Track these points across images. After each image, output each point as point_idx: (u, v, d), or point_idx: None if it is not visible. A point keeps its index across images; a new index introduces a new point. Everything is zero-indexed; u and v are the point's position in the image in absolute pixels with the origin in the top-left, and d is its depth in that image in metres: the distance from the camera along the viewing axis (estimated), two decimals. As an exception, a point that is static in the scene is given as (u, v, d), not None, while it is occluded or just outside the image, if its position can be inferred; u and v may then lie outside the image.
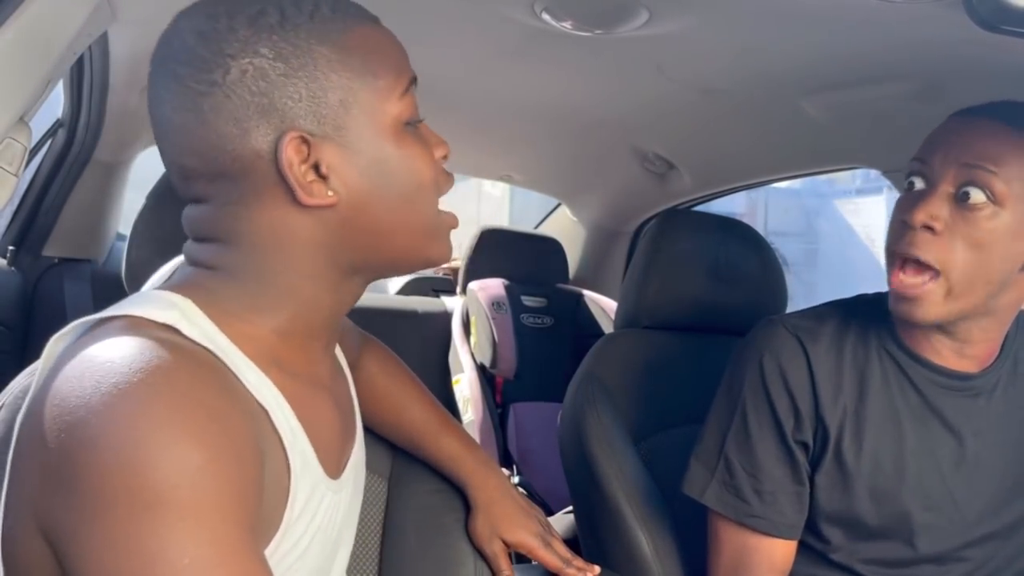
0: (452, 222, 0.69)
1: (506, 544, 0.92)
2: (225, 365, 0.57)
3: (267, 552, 0.60)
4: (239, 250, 0.61)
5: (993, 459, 0.93)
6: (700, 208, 2.07)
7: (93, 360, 0.52)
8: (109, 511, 0.47)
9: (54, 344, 0.59)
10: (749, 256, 1.34)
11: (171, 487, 0.48)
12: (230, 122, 0.58)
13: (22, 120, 0.81)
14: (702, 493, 0.97)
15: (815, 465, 0.94)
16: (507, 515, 0.93)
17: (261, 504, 0.55)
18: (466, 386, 2.14)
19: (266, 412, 0.60)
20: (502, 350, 2.18)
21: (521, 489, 1.51)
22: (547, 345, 2.25)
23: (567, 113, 1.64)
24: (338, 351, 0.80)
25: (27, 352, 1.80)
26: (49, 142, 1.85)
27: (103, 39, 1.21)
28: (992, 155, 0.83)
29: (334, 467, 0.69)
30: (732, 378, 0.99)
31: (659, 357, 1.31)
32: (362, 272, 0.66)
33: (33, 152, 1.58)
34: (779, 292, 1.36)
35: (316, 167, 0.59)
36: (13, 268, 1.96)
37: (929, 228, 0.84)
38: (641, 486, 1.15)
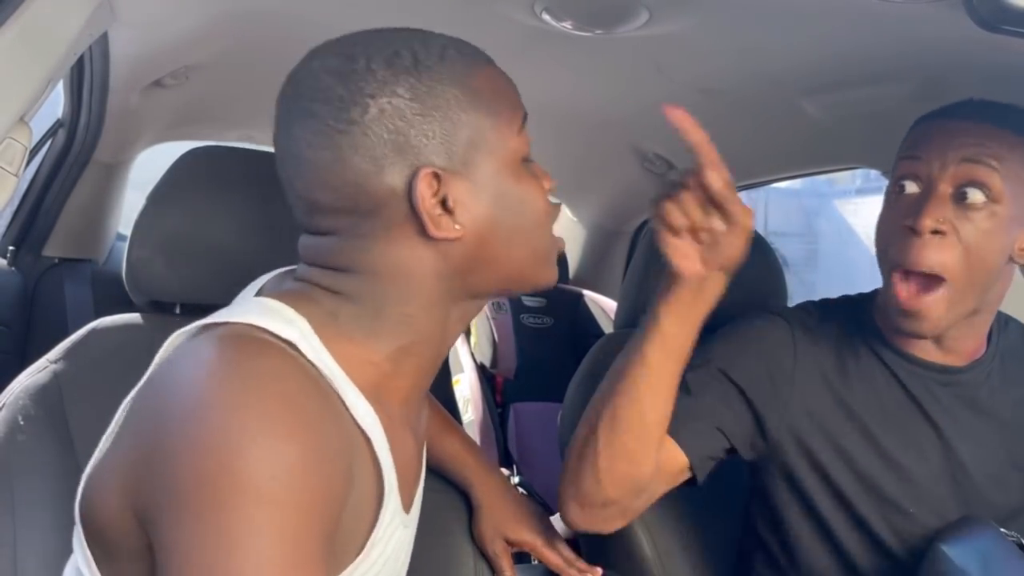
0: (561, 246, 0.72)
1: (509, 543, 0.93)
2: (331, 385, 0.60)
3: (345, 574, 0.62)
4: (362, 279, 0.63)
5: (979, 454, 0.93)
6: (700, 208, 2.07)
7: (210, 355, 0.56)
8: (204, 494, 0.50)
9: (175, 338, 0.64)
10: (749, 256, 1.34)
11: (264, 477, 0.50)
12: (367, 159, 0.60)
13: (22, 120, 0.81)
14: None
15: (784, 448, 0.93)
16: (510, 514, 0.93)
17: (340, 522, 0.57)
18: (466, 386, 2.14)
19: (367, 439, 0.62)
20: (502, 350, 2.18)
21: (521, 489, 1.51)
22: (547, 345, 2.25)
23: (567, 113, 1.63)
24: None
25: (27, 352, 1.79)
26: (49, 142, 1.85)
27: (103, 39, 1.21)
28: (992, 152, 0.83)
29: (408, 501, 0.71)
30: (699, 346, 0.96)
31: (659, 357, 1.31)
32: (474, 298, 0.69)
33: (33, 152, 1.58)
34: (779, 292, 1.36)
35: (443, 201, 0.62)
36: (13, 268, 1.96)
37: (938, 232, 0.83)
38: (641, 486, 1.15)
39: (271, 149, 0.70)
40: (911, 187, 0.87)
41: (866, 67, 1.09)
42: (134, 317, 1.01)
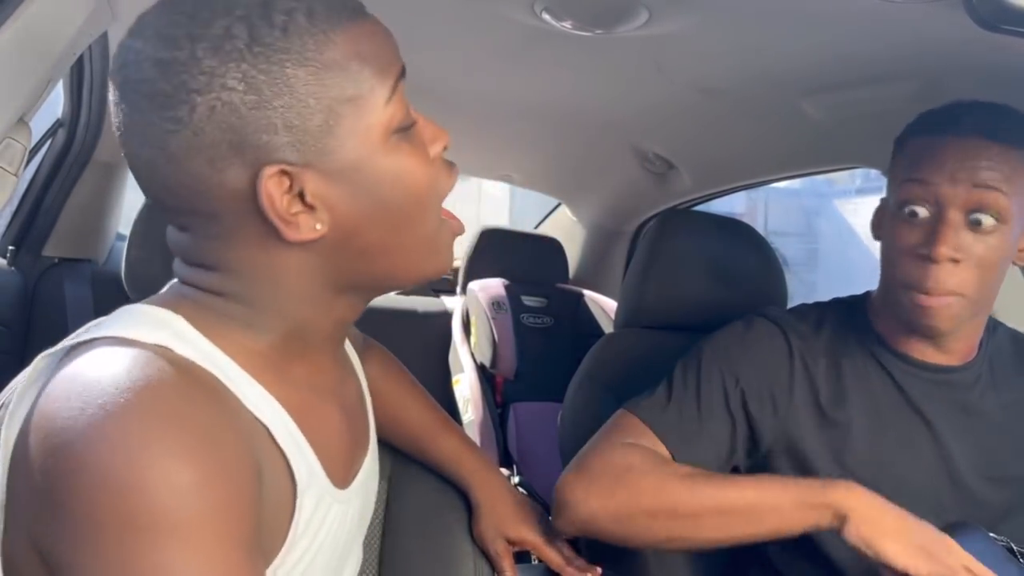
0: (456, 229, 0.65)
1: (510, 542, 0.93)
2: (220, 382, 0.55)
3: (273, 566, 0.59)
4: (225, 276, 0.58)
5: (972, 455, 0.94)
6: (700, 208, 2.07)
7: (79, 380, 0.50)
8: (100, 535, 0.46)
9: (40, 361, 0.57)
10: (749, 256, 1.34)
11: (162, 509, 0.46)
12: (201, 161, 0.53)
13: (22, 120, 0.81)
14: (629, 404, 0.96)
15: (777, 455, 0.95)
16: (510, 513, 0.93)
17: (259, 521, 0.53)
18: (466, 386, 2.14)
19: (266, 427, 0.58)
20: (502, 350, 2.18)
21: (521, 489, 1.51)
22: (547, 345, 2.25)
23: (567, 113, 1.63)
24: (353, 356, 0.78)
25: (27, 352, 1.79)
26: (49, 142, 1.85)
27: (103, 39, 1.21)
28: (1003, 175, 0.84)
29: (342, 477, 0.67)
30: (696, 350, 0.99)
31: (659, 357, 1.31)
32: (358, 292, 0.63)
33: (33, 152, 1.58)
34: (779, 292, 1.36)
35: (301, 196, 0.55)
36: (13, 268, 1.96)
37: (954, 261, 0.85)
38: (641, 486, 1.15)
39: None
40: (922, 212, 0.87)
41: (866, 67, 1.09)
42: (134, 317, 1.01)
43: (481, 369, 2.18)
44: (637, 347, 1.33)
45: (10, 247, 1.97)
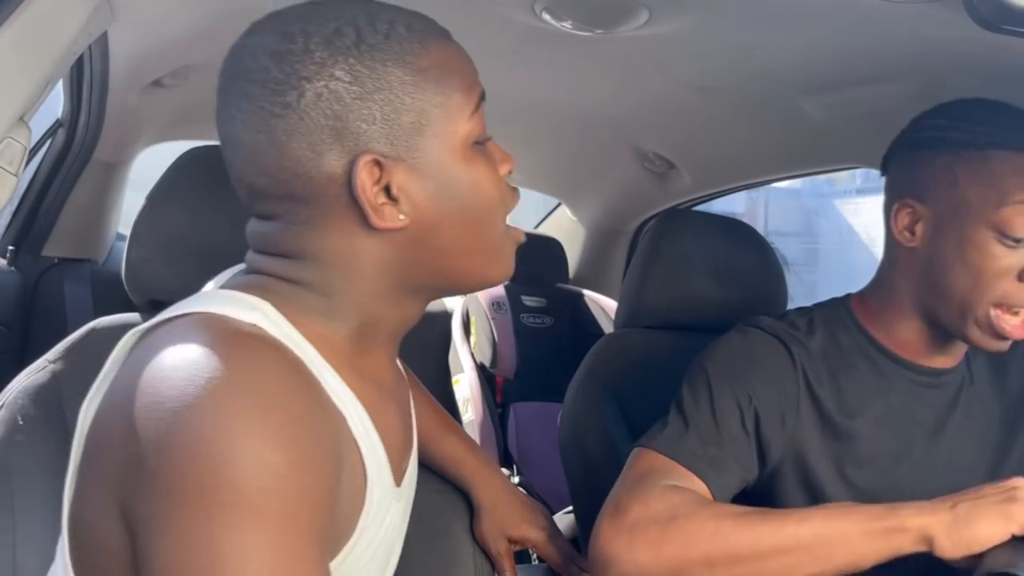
0: (518, 237, 0.68)
1: (512, 541, 0.93)
2: (308, 368, 0.57)
3: (339, 558, 0.60)
4: (306, 265, 0.61)
5: (968, 456, 0.94)
6: (700, 208, 2.07)
7: (185, 355, 0.52)
8: (184, 502, 0.48)
9: (130, 338, 0.60)
10: (749, 256, 1.34)
11: (247, 488, 0.48)
12: (304, 145, 0.57)
13: (22, 120, 0.81)
14: (645, 440, 0.90)
15: (785, 471, 0.93)
16: (512, 512, 0.93)
17: (333, 515, 0.55)
18: (466, 386, 2.14)
19: (345, 418, 0.60)
20: (502, 350, 2.18)
21: (521, 489, 1.51)
22: (547, 345, 2.25)
23: (567, 113, 1.63)
24: (397, 359, 0.79)
25: (27, 352, 1.79)
26: (49, 142, 1.85)
27: (103, 39, 1.21)
28: None
29: (398, 475, 0.69)
30: (700, 370, 0.95)
31: (659, 357, 1.31)
32: (425, 291, 0.66)
33: (33, 152, 1.58)
34: (779, 292, 1.36)
35: (387, 189, 0.59)
36: (13, 268, 1.95)
37: None
38: (641, 486, 1.15)
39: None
40: None
41: (866, 67, 1.09)
42: (133, 317, 1.01)
43: (481, 369, 2.18)
44: (637, 347, 1.33)
45: (10, 247, 1.97)
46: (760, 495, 0.94)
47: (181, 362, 0.52)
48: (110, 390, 0.57)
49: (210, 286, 0.68)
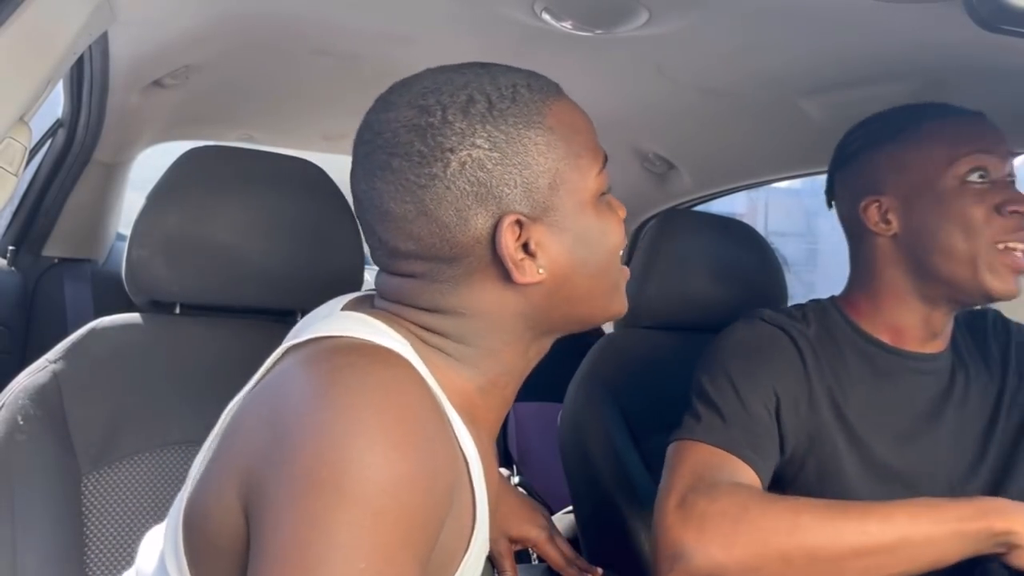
0: (627, 275, 0.72)
1: (513, 540, 0.93)
2: (442, 405, 0.61)
3: None
4: (446, 317, 0.64)
5: (967, 436, 0.97)
6: (700, 208, 2.07)
7: (334, 362, 0.56)
8: (314, 491, 0.50)
9: (281, 351, 0.63)
10: (749, 256, 1.34)
11: (376, 489, 0.50)
12: (450, 211, 0.60)
13: (22, 120, 0.81)
14: (686, 433, 0.90)
15: (800, 461, 0.94)
16: (512, 512, 0.94)
17: (436, 544, 0.56)
18: (466, 386, 2.13)
19: (467, 463, 0.62)
20: (502, 350, 2.17)
21: (521, 489, 1.51)
22: (547, 345, 2.24)
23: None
24: None
25: (27, 352, 1.79)
26: (49, 142, 1.85)
27: (103, 39, 1.21)
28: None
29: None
30: (716, 363, 0.96)
31: (659, 357, 1.31)
32: (552, 334, 0.69)
33: (33, 152, 1.58)
34: (779, 292, 1.36)
35: (525, 246, 0.62)
36: (13, 268, 1.95)
37: None
38: (641, 486, 1.15)
39: (271, 149, 0.71)
40: (993, 175, 0.92)
41: (866, 67, 1.09)
42: (134, 317, 1.01)
43: (481, 369, 2.18)
44: (637, 347, 1.33)
45: (10, 247, 1.96)
46: (779, 484, 0.94)
47: (330, 368, 0.56)
48: (255, 390, 0.61)
49: (339, 305, 0.70)
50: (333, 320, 0.64)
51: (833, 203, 1.07)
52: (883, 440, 0.94)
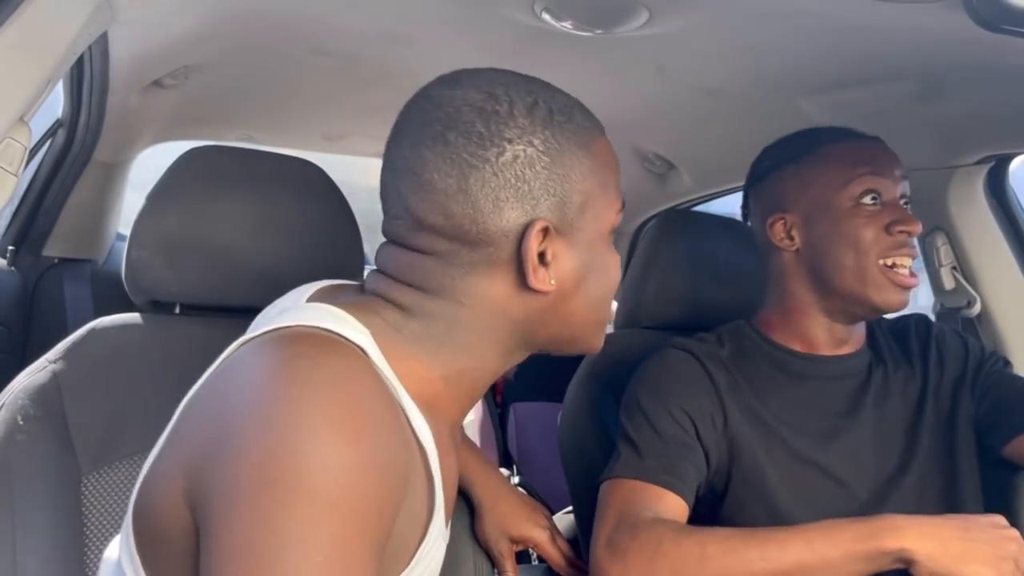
0: (609, 317, 0.74)
1: (514, 540, 0.93)
2: (395, 397, 0.61)
3: None
4: (443, 302, 0.65)
5: (889, 432, 1.01)
6: (700, 208, 2.07)
7: (284, 354, 0.56)
8: (265, 488, 0.50)
9: (237, 345, 0.62)
10: (749, 256, 1.34)
11: (328, 480, 0.50)
12: (489, 198, 0.62)
13: (22, 120, 0.81)
14: (608, 473, 0.95)
15: (726, 472, 0.98)
16: (513, 512, 0.94)
17: (391, 532, 0.57)
18: (466, 386, 2.13)
19: (423, 453, 0.63)
20: (502, 350, 2.17)
21: (521, 489, 1.51)
22: (547, 345, 2.24)
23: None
24: None
25: (27, 352, 1.79)
26: (49, 142, 1.85)
27: (103, 39, 1.21)
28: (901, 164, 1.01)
29: (448, 516, 0.71)
30: (631, 400, 1.01)
31: (659, 357, 1.31)
32: (533, 348, 0.71)
33: (33, 152, 1.58)
34: (779, 292, 1.35)
35: (542, 254, 0.64)
36: (13, 268, 1.95)
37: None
38: (641, 486, 1.15)
39: (271, 149, 0.71)
40: (887, 196, 0.99)
41: (866, 67, 1.09)
42: (133, 317, 1.01)
43: (481, 369, 2.18)
44: (637, 347, 1.32)
45: (10, 247, 1.97)
46: (713, 502, 0.99)
47: (278, 360, 0.56)
48: (206, 382, 0.61)
49: (302, 295, 0.70)
50: (294, 312, 0.64)
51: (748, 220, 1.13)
52: (805, 439, 0.98)
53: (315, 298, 0.69)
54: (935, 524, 0.79)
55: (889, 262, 0.97)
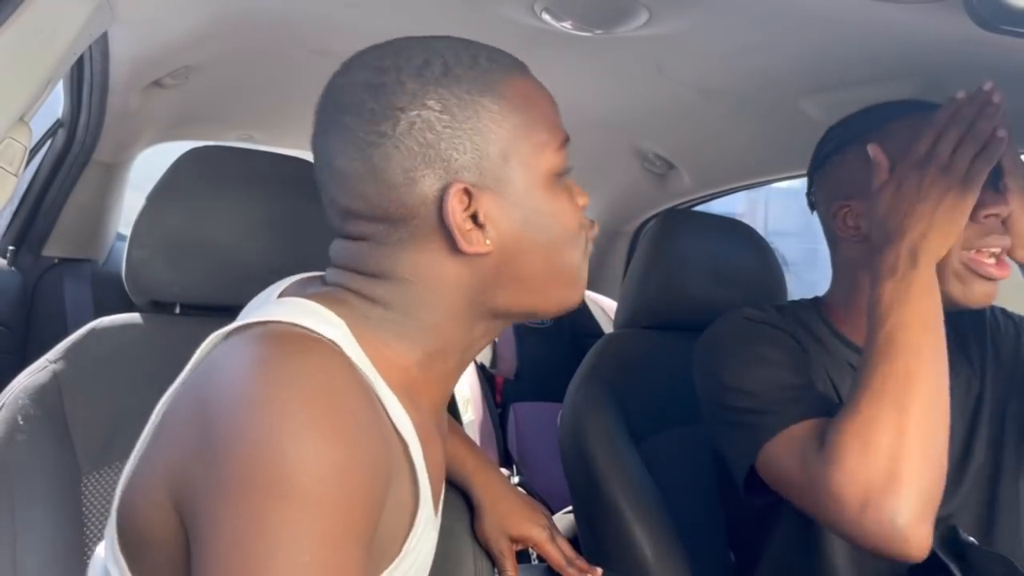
0: (584, 270, 0.70)
1: (513, 540, 0.93)
2: (374, 387, 0.61)
3: None
4: (391, 284, 0.64)
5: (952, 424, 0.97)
6: (700, 208, 2.07)
7: (266, 355, 0.56)
8: (249, 491, 0.50)
9: (211, 340, 0.62)
10: (749, 256, 1.34)
11: (311, 480, 0.50)
12: (398, 171, 0.61)
13: (22, 120, 0.81)
14: (748, 455, 0.86)
15: None
16: (513, 511, 0.94)
17: (377, 527, 0.56)
18: (466, 386, 2.14)
19: (404, 443, 0.62)
20: (502, 350, 2.18)
21: (521, 489, 1.51)
22: (547, 345, 2.25)
23: (567, 113, 1.62)
24: None
25: (27, 352, 1.79)
26: (49, 142, 1.85)
27: (103, 39, 1.21)
28: None
29: (436, 505, 0.71)
30: (711, 368, 0.96)
31: (659, 357, 1.31)
32: (500, 317, 0.68)
33: (33, 152, 1.58)
34: (779, 292, 1.36)
35: (474, 216, 0.62)
36: (13, 268, 1.95)
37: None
38: (641, 487, 1.15)
39: (271, 149, 0.71)
40: None
41: (866, 67, 1.09)
42: (134, 317, 1.01)
43: (481, 369, 2.18)
44: (637, 347, 1.33)
45: (10, 247, 1.97)
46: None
47: (256, 360, 0.55)
48: (185, 382, 0.61)
49: (270, 293, 0.70)
50: (268, 308, 0.63)
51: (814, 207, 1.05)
52: None
53: (287, 293, 0.68)
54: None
55: (974, 252, 0.86)
